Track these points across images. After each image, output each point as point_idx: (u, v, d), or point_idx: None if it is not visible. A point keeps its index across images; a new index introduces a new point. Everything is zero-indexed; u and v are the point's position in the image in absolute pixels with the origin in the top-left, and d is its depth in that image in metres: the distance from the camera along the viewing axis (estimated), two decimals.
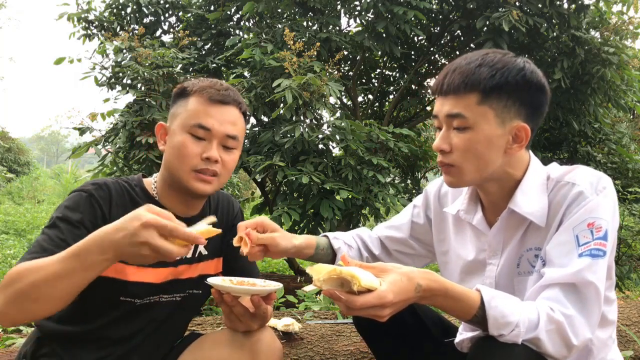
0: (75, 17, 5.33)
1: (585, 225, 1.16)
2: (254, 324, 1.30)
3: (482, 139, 1.21)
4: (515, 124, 1.22)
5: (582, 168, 1.26)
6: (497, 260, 1.33)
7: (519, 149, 1.25)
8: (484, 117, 1.20)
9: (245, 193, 8.41)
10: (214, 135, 1.33)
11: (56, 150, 61.05)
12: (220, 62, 4.74)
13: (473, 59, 1.23)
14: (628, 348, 2.23)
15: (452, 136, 1.24)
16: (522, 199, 1.25)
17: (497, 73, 1.19)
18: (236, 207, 1.59)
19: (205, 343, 1.40)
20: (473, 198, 1.40)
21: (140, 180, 1.42)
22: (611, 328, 1.33)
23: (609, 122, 5.29)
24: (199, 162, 1.32)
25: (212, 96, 1.34)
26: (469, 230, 1.41)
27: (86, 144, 4.28)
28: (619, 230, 4.51)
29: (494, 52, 1.25)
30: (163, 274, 1.37)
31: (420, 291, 1.06)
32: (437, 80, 1.28)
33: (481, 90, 1.19)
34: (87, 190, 1.29)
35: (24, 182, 16.26)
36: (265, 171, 3.81)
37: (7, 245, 7.21)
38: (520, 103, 1.21)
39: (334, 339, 2.05)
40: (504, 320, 1.06)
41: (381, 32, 4.58)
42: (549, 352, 1.07)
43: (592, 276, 1.12)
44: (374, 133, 4.01)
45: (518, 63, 1.22)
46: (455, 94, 1.21)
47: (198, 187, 1.33)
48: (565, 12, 4.47)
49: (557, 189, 1.24)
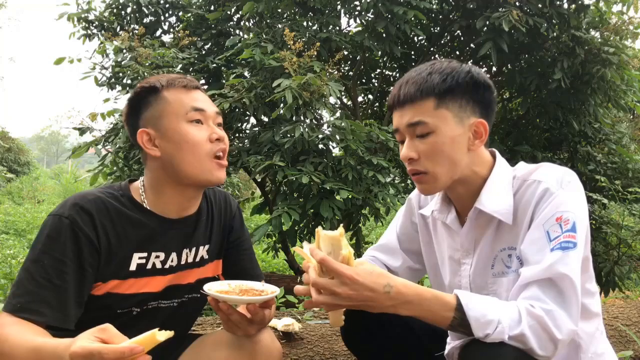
0: (75, 17, 5.32)
1: (554, 220, 1.19)
2: (252, 329, 1.28)
3: (446, 140, 1.26)
4: (473, 120, 1.28)
5: (546, 165, 1.30)
6: (470, 260, 1.36)
7: (480, 144, 1.31)
8: (443, 119, 1.26)
9: (245, 193, 8.40)
10: (208, 115, 1.33)
11: (56, 150, 61.02)
12: (220, 62, 4.73)
13: (422, 69, 1.31)
14: (628, 348, 2.23)
15: (417, 144, 1.28)
16: (487, 198, 1.29)
17: (447, 77, 1.27)
18: (234, 207, 1.55)
19: (204, 344, 1.39)
20: (446, 198, 1.43)
21: (127, 187, 1.36)
22: (597, 320, 1.34)
23: (609, 122, 5.28)
24: (211, 146, 1.31)
25: (186, 85, 1.34)
26: (444, 230, 1.45)
27: (86, 144, 4.27)
28: (619, 230, 4.51)
29: (440, 61, 1.34)
30: (162, 282, 1.35)
31: (392, 293, 1.07)
32: (391, 94, 1.35)
33: (436, 94, 1.26)
34: (69, 216, 1.22)
35: (24, 182, 16.26)
36: (265, 171, 3.80)
37: (7, 245, 7.20)
38: (474, 101, 1.29)
39: (334, 339, 2.05)
40: (484, 319, 1.07)
41: (381, 32, 4.58)
42: (535, 348, 1.08)
43: (565, 268, 1.14)
44: (374, 133, 4.01)
45: (464, 67, 1.30)
46: (412, 102, 1.28)
47: (218, 175, 1.33)
48: (565, 12, 4.46)
49: (525, 187, 1.28)
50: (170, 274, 1.37)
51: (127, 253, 1.30)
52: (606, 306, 2.57)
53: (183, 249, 1.39)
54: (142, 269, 1.32)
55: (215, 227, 1.48)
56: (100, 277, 1.26)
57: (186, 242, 1.40)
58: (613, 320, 2.37)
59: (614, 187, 4.41)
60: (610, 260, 4.57)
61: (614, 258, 4.59)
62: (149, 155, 1.33)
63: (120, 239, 1.28)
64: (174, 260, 1.38)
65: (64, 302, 1.18)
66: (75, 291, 1.20)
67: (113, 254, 1.27)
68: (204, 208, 1.46)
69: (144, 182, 1.37)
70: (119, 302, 1.28)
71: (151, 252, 1.33)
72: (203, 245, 1.44)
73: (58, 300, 1.17)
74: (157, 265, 1.35)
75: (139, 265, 1.32)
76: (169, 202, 1.35)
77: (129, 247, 1.30)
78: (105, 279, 1.27)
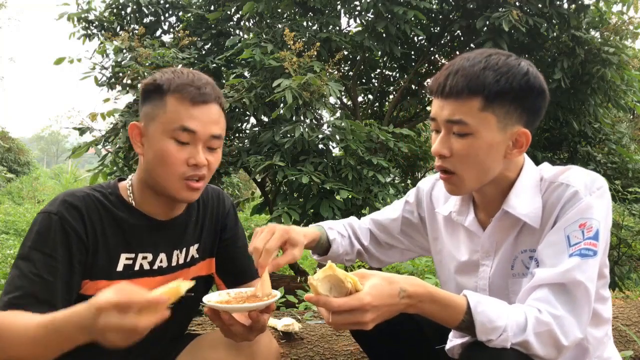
0: (75, 17, 5.32)
1: (577, 226, 1.15)
2: (251, 335, 1.26)
3: (483, 145, 1.19)
4: (516, 129, 1.20)
5: (575, 168, 1.25)
6: (490, 262, 1.32)
7: (518, 154, 1.24)
8: (485, 123, 1.17)
9: (245, 193, 8.42)
10: (199, 138, 1.24)
11: (56, 150, 60.99)
12: (220, 62, 4.73)
13: (476, 61, 1.18)
14: (628, 348, 2.23)
15: (452, 141, 1.21)
16: (516, 201, 1.24)
17: (502, 78, 1.16)
18: (227, 204, 1.52)
19: (202, 344, 1.38)
20: (466, 199, 1.38)
21: (116, 186, 1.34)
22: (607, 326, 1.32)
23: (609, 122, 5.29)
24: (186, 169, 1.25)
25: (195, 97, 1.24)
26: (462, 231, 1.40)
27: (86, 144, 4.28)
28: (619, 230, 4.52)
29: (497, 53, 1.21)
30: (152, 284, 1.32)
31: (406, 297, 1.03)
32: (436, 79, 1.23)
33: (485, 95, 1.15)
34: (58, 212, 1.21)
35: (24, 182, 16.24)
36: (265, 171, 3.81)
37: (7, 245, 7.20)
38: (522, 109, 1.19)
39: (334, 339, 2.05)
40: (491, 325, 1.05)
41: (381, 32, 4.58)
42: (539, 354, 1.06)
43: (582, 275, 1.11)
44: (374, 133, 4.01)
45: (522, 67, 1.19)
46: (457, 98, 1.17)
47: (186, 196, 1.28)
48: (565, 12, 4.46)
49: (552, 189, 1.23)
50: (160, 276, 1.34)
51: (114, 252, 1.28)
52: None
53: (173, 250, 1.38)
54: (129, 269, 1.31)
55: (207, 225, 1.45)
56: (88, 275, 1.25)
57: (177, 244, 1.38)
58: (613, 320, 2.37)
59: (614, 187, 4.41)
60: (610, 260, 4.57)
61: (614, 258, 4.60)
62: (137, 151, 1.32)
63: (107, 237, 1.27)
64: (163, 262, 1.36)
65: (53, 297, 1.17)
66: (64, 288, 1.19)
67: (100, 252, 1.26)
68: (194, 207, 1.44)
69: (132, 181, 1.35)
70: None
71: (138, 252, 1.32)
72: (193, 245, 1.42)
73: (47, 295, 1.16)
74: (144, 267, 1.33)
75: (126, 266, 1.30)
76: (153, 203, 1.33)
77: (116, 246, 1.29)
78: (93, 277, 1.26)
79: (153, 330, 1.35)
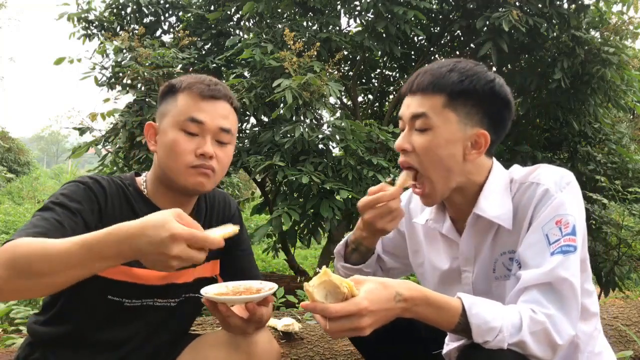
0: (75, 17, 5.33)
1: (554, 224, 1.17)
2: (249, 328, 1.27)
3: (442, 141, 1.23)
4: (476, 131, 1.24)
5: (544, 167, 1.27)
6: (471, 267, 1.34)
7: (477, 155, 1.27)
8: (446, 120, 1.23)
9: (245, 193, 8.41)
10: (207, 129, 1.29)
11: (56, 150, 61.00)
12: (220, 62, 4.74)
13: (445, 64, 1.27)
14: (628, 348, 2.23)
15: (414, 137, 1.26)
16: (485, 203, 1.27)
17: (466, 79, 1.22)
18: (233, 207, 1.54)
19: (203, 344, 1.39)
20: (440, 206, 1.40)
21: (133, 179, 1.39)
22: (595, 320, 1.33)
23: (609, 122, 5.29)
24: (193, 159, 1.28)
25: (203, 91, 1.30)
26: (440, 239, 1.42)
27: (86, 144, 4.28)
28: (619, 230, 4.51)
29: (466, 61, 1.28)
30: (155, 277, 1.32)
31: (402, 300, 1.04)
32: (408, 81, 1.31)
33: (448, 93, 1.22)
34: (85, 182, 1.26)
35: (24, 182, 16.24)
36: (265, 171, 3.81)
37: None
38: (484, 113, 1.24)
39: (334, 339, 2.05)
40: (486, 326, 1.06)
41: (381, 32, 4.58)
42: (535, 354, 1.07)
43: (566, 272, 1.13)
44: (374, 133, 4.01)
45: (489, 75, 1.25)
46: (422, 93, 1.25)
47: (195, 182, 1.29)
48: (565, 12, 4.47)
49: (523, 190, 1.25)
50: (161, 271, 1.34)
51: None
52: (606, 306, 2.57)
53: None
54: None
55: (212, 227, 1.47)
56: None
57: None
58: (613, 320, 2.37)
59: (614, 187, 4.41)
60: (610, 260, 4.57)
61: (614, 258, 4.59)
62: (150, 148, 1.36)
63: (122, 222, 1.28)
64: None
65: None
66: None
67: None
68: (202, 209, 1.46)
69: (146, 177, 1.39)
70: (109, 287, 1.27)
71: None
72: None
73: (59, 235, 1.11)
74: None
75: None
76: (165, 199, 1.36)
77: None
78: None
79: (157, 328, 1.36)
